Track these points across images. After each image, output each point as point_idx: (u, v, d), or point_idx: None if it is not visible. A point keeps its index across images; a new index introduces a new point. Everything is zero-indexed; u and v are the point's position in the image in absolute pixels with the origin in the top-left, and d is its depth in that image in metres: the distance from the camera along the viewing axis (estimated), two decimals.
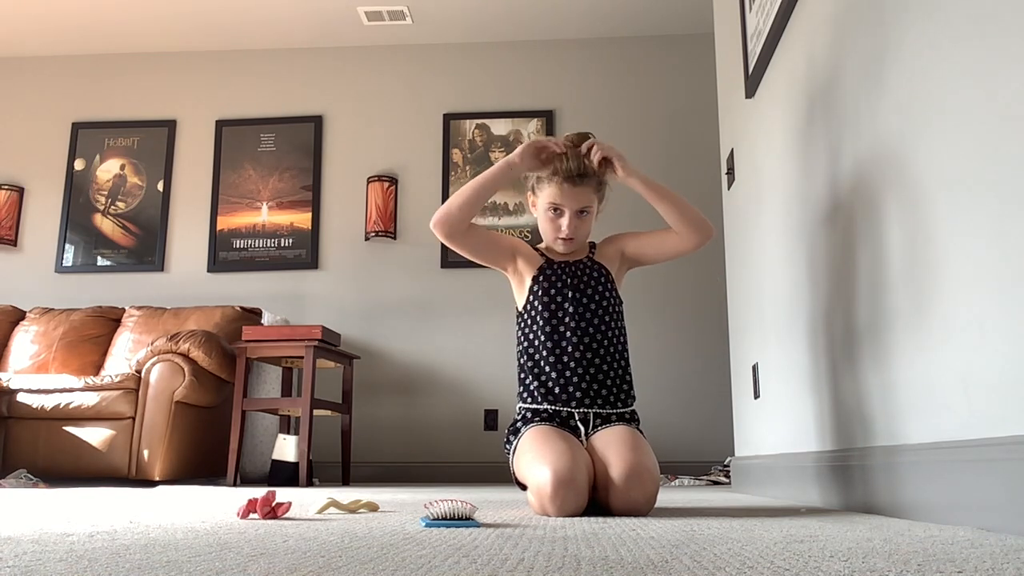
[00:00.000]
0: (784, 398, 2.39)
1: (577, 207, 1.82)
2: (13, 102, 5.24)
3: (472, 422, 4.52)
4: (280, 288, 4.83)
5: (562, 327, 1.79)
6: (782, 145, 2.37)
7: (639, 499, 1.56)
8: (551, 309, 1.81)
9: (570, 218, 1.82)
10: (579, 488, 1.53)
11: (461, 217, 1.84)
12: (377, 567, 0.76)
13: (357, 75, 5.11)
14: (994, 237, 1.17)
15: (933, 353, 1.37)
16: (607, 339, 1.80)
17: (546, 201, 1.83)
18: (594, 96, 4.87)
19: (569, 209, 1.82)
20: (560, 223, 1.83)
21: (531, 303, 1.85)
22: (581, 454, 1.62)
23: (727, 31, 3.29)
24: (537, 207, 1.88)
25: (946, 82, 1.32)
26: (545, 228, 1.87)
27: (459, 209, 1.84)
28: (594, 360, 1.77)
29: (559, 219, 1.83)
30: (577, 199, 1.81)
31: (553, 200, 1.82)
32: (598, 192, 1.87)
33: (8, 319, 4.46)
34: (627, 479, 1.55)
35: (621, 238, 1.95)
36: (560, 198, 1.82)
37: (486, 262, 1.92)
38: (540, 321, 1.81)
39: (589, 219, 1.86)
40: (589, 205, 1.84)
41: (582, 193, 1.82)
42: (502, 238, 1.98)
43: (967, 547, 0.92)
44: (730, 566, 0.77)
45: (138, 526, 1.26)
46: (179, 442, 3.52)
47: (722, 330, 3.75)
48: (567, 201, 1.81)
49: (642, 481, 1.56)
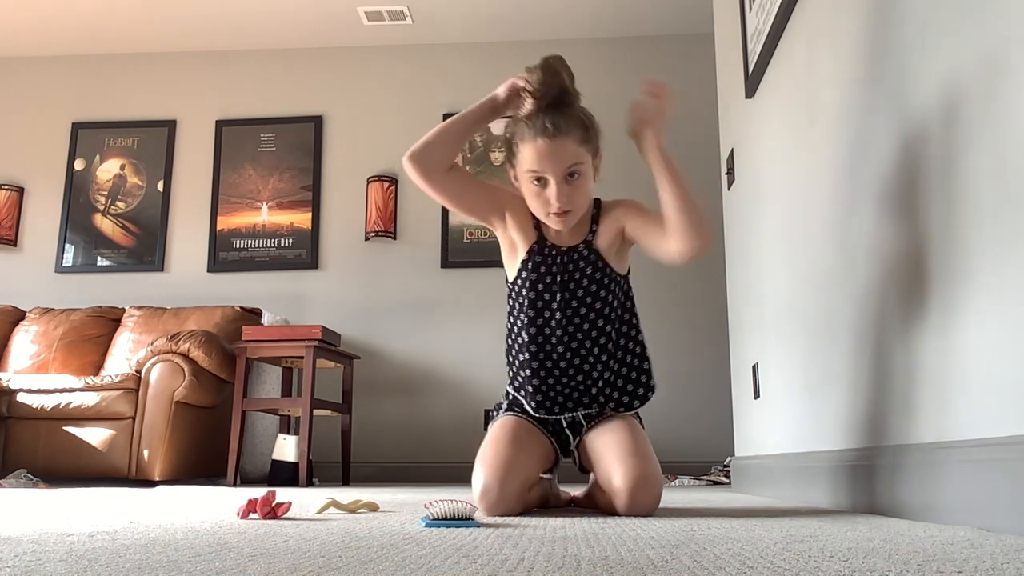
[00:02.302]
0: (784, 398, 2.39)
1: (562, 168, 1.48)
2: (13, 102, 5.24)
3: (472, 422, 4.51)
4: (280, 288, 4.83)
5: (547, 329, 1.60)
6: (782, 145, 2.37)
7: (646, 508, 1.51)
8: (537, 307, 1.60)
9: (557, 186, 1.48)
10: (507, 500, 1.50)
11: (442, 153, 1.58)
12: (377, 567, 0.76)
13: (357, 75, 5.11)
14: (994, 237, 1.17)
15: (934, 353, 1.37)
16: (598, 346, 1.61)
17: (524, 169, 1.51)
18: (594, 96, 4.86)
19: (553, 174, 1.49)
20: (547, 195, 1.50)
21: (518, 290, 1.63)
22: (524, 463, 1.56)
23: (727, 31, 3.29)
24: (520, 181, 1.56)
25: (946, 81, 1.32)
26: (534, 204, 1.55)
27: (439, 143, 1.58)
28: (582, 367, 1.61)
29: (545, 190, 1.50)
30: (559, 157, 1.48)
31: (531, 167, 1.49)
32: (587, 143, 1.52)
33: (8, 319, 4.46)
34: (633, 490, 1.49)
35: (625, 210, 1.63)
36: (538, 162, 1.48)
37: (469, 213, 1.65)
38: (524, 320, 1.61)
39: (584, 181, 1.52)
40: (578, 162, 1.50)
41: (564, 149, 1.48)
42: (491, 189, 1.68)
43: (967, 547, 0.92)
44: (730, 566, 0.77)
45: (138, 526, 1.26)
46: (179, 442, 3.52)
47: (722, 330, 3.75)
48: (548, 163, 1.48)
49: (648, 489, 1.50)
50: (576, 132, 1.50)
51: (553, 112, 1.49)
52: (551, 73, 1.50)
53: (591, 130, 1.54)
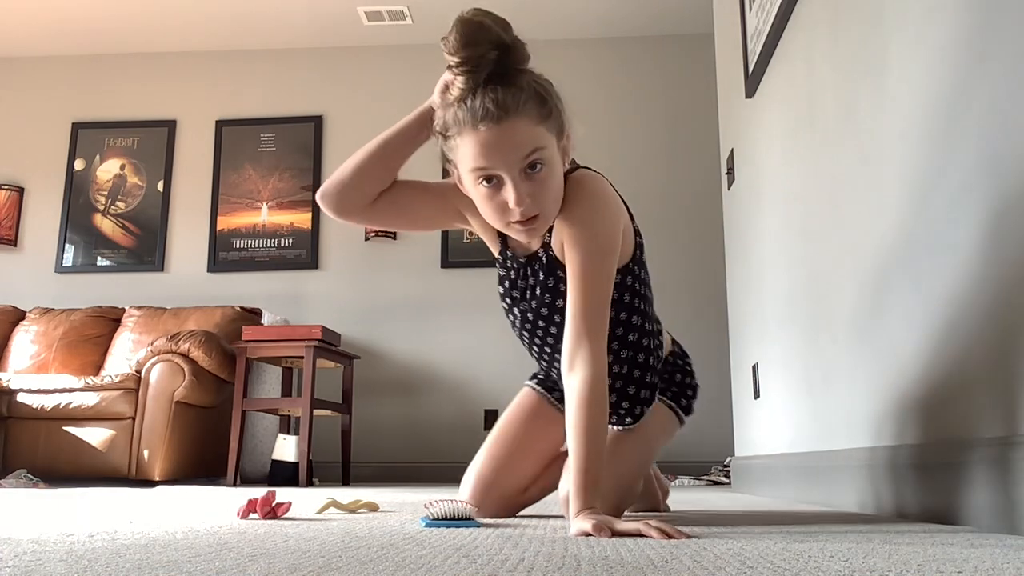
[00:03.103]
0: (784, 398, 2.39)
1: (518, 160, 1.10)
2: (13, 102, 5.24)
3: (472, 422, 4.52)
4: (280, 288, 4.83)
5: (526, 335, 1.42)
6: (782, 145, 2.37)
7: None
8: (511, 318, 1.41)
9: (515, 184, 1.10)
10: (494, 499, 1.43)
11: (360, 193, 1.26)
12: (377, 567, 0.76)
13: (357, 75, 5.11)
14: (985, 232, 1.17)
15: (935, 352, 1.37)
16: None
17: (468, 167, 1.13)
18: (594, 96, 4.87)
19: (507, 169, 1.10)
20: (503, 198, 1.12)
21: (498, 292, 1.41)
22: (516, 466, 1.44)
23: (727, 31, 3.29)
24: (465, 184, 1.18)
25: (946, 81, 1.32)
26: (488, 212, 1.16)
27: (354, 182, 1.25)
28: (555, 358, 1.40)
29: (500, 192, 1.12)
30: (511, 145, 1.09)
31: (476, 163, 1.11)
32: (547, 119, 1.13)
33: (8, 319, 4.46)
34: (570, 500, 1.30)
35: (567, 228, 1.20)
36: (484, 156, 1.10)
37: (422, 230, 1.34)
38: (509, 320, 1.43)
39: (550, 171, 1.13)
40: (538, 147, 1.11)
41: (516, 133, 1.09)
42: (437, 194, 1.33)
43: (967, 547, 0.92)
44: (730, 566, 0.77)
45: (138, 526, 1.26)
46: (179, 442, 3.52)
47: (722, 330, 3.75)
48: (497, 156, 1.10)
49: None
50: (530, 108, 1.11)
51: (494, 86, 1.10)
52: (474, 29, 1.10)
53: (550, 101, 1.15)
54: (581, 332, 1.15)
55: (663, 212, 4.67)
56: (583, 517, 1.07)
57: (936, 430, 1.36)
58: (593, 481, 1.11)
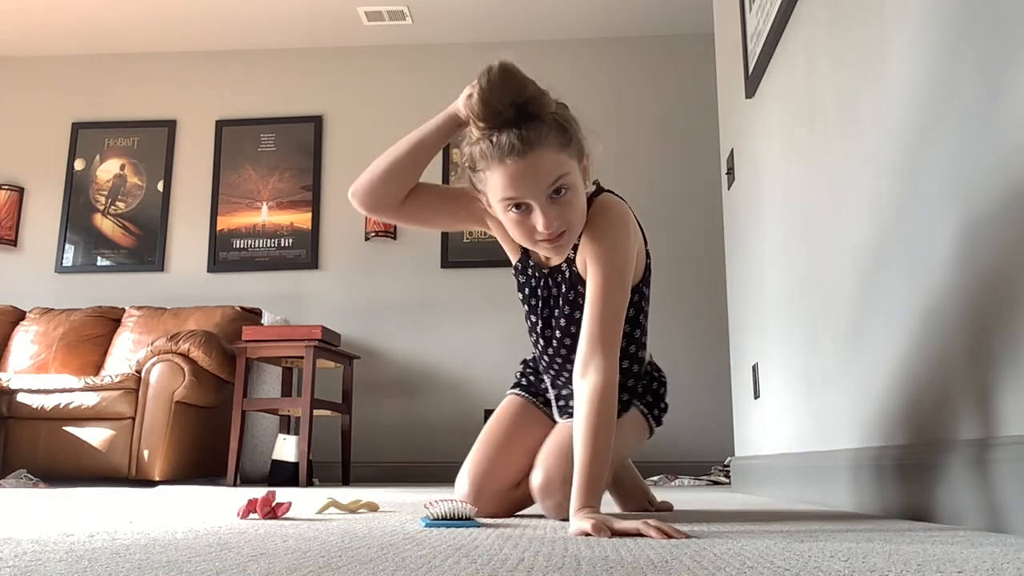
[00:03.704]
0: (784, 398, 2.39)
1: (544, 187, 1.20)
2: (13, 102, 5.24)
3: (472, 422, 4.51)
4: (280, 288, 4.83)
5: (542, 340, 1.50)
6: (782, 145, 2.37)
7: (550, 511, 1.42)
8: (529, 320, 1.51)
9: (543, 210, 1.20)
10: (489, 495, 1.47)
11: (392, 190, 1.37)
12: (377, 567, 0.76)
13: (357, 75, 5.10)
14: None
15: (935, 352, 1.37)
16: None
17: (498, 198, 1.23)
18: (594, 96, 4.87)
19: (534, 197, 1.20)
20: (532, 222, 1.22)
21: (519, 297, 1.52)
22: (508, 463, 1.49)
23: (727, 31, 3.29)
24: (495, 210, 1.28)
25: (946, 80, 1.32)
26: (518, 234, 1.27)
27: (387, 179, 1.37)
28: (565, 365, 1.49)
29: (528, 217, 1.23)
30: (538, 176, 1.19)
31: (505, 194, 1.21)
32: (568, 146, 1.22)
33: (8, 319, 4.46)
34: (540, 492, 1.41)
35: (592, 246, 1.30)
36: (512, 187, 1.20)
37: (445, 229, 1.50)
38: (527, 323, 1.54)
39: (574, 194, 1.23)
40: (562, 174, 1.20)
41: (541, 164, 1.18)
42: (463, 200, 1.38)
43: (967, 547, 0.92)
44: (730, 566, 0.77)
45: (138, 526, 1.26)
46: (179, 442, 3.52)
47: (722, 330, 3.75)
48: (525, 187, 1.19)
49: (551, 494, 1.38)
50: (552, 138, 1.19)
51: (517, 123, 1.19)
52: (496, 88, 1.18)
53: (570, 129, 1.23)
54: (596, 342, 1.25)
55: (663, 212, 4.67)
56: (582, 516, 1.11)
57: (937, 430, 1.36)
58: (593, 481, 1.16)
